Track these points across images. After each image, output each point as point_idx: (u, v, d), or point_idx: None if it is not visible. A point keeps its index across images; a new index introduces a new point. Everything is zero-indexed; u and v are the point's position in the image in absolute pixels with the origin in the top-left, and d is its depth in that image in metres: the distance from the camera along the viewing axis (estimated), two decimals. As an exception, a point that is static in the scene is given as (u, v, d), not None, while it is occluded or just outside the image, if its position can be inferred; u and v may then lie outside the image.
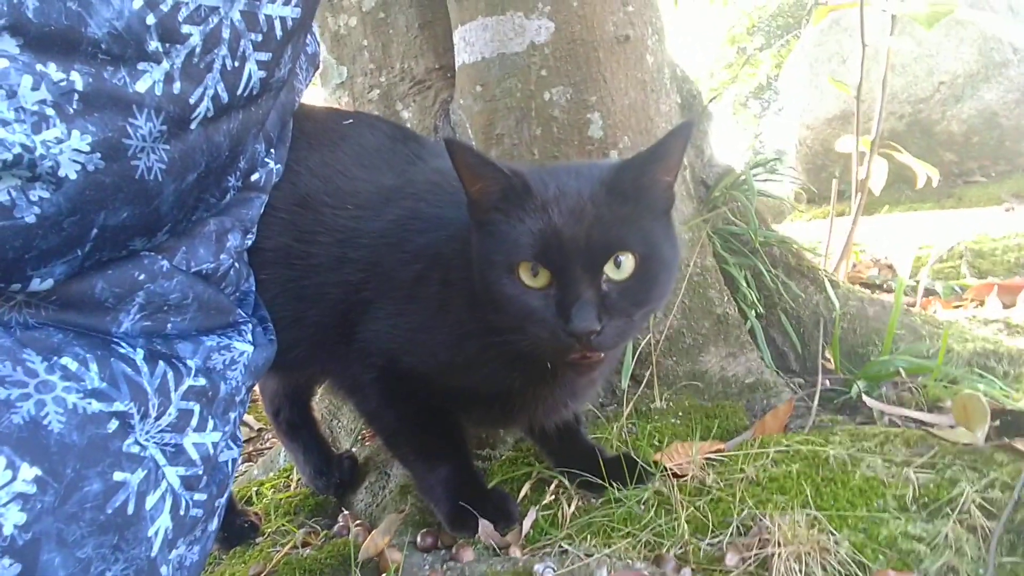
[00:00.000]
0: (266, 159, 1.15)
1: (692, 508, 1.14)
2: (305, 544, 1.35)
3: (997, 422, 1.24)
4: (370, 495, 1.51)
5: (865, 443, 1.25)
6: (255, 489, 1.65)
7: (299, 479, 1.64)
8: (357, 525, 1.36)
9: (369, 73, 1.84)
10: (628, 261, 0.98)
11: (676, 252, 1.06)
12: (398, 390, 1.21)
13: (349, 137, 1.31)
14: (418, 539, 1.24)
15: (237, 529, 1.41)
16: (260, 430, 2.33)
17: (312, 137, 1.28)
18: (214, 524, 0.97)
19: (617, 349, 1.17)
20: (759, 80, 12.21)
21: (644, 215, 1.01)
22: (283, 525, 1.44)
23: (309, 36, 1.25)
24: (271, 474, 1.74)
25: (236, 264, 1.10)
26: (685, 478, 1.22)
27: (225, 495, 1.00)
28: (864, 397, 1.45)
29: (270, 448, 2.10)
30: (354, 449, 1.67)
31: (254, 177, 1.13)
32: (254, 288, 1.18)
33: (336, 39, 1.86)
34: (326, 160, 1.27)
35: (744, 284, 1.72)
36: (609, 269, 0.98)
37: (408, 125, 1.80)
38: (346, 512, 1.46)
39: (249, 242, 1.15)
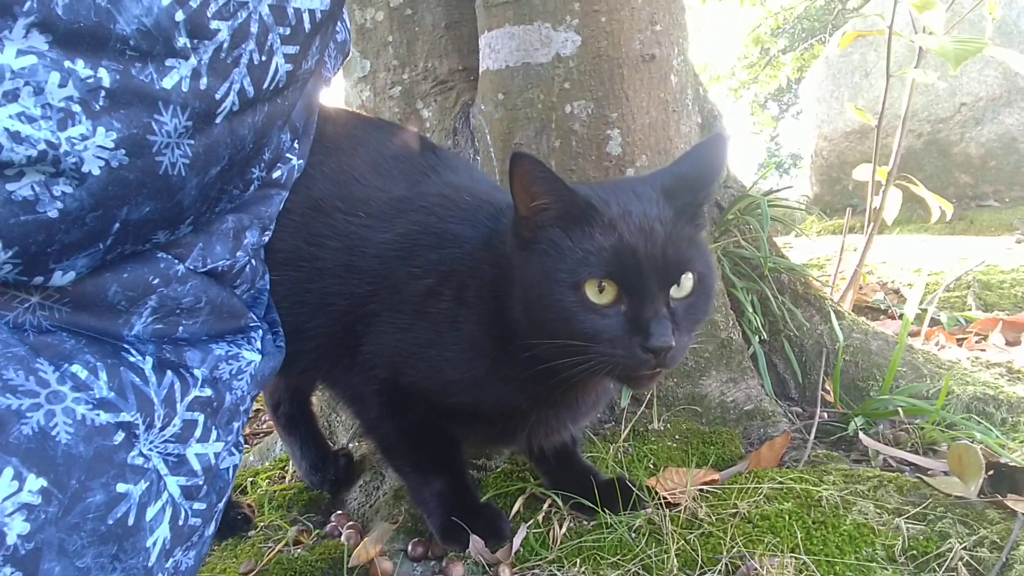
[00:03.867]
0: (288, 154, 1.15)
1: (683, 541, 1.15)
2: (296, 543, 1.37)
3: (991, 472, 1.24)
4: (364, 495, 1.52)
5: (859, 486, 1.26)
6: (250, 479, 1.66)
7: (294, 471, 1.66)
8: (349, 527, 1.37)
9: (392, 69, 1.83)
10: (688, 280, 1.03)
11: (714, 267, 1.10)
12: (398, 403, 1.22)
13: (367, 143, 1.31)
14: (409, 548, 1.26)
15: (230, 521, 1.42)
16: (258, 411, 2.34)
17: (331, 140, 1.28)
18: (211, 529, 0.99)
19: None
20: (780, 82, 12.14)
21: (697, 233, 1.06)
22: (276, 520, 1.45)
23: (339, 23, 1.24)
24: (267, 463, 1.76)
25: (252, 261, 1.10)
26: (678, 508, 1.23)
27: (224, 500, 1.01)
28: (861, 435, 1.46)
29: (268, 431, 2.11)
30: (351, 445, 1.68)
31: (276, 174, 1.13)
32: (268, 287, 1.19)
33: (362, 32, 1.85)
34: (343, 165, 1.27)
35: (750, 309, 1.72)
36: (673, 288, 1.01)
37: (427, 125, 1.80)
38: (339, 512, 1.48)
39: (266, 239, 1.15)
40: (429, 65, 1.81)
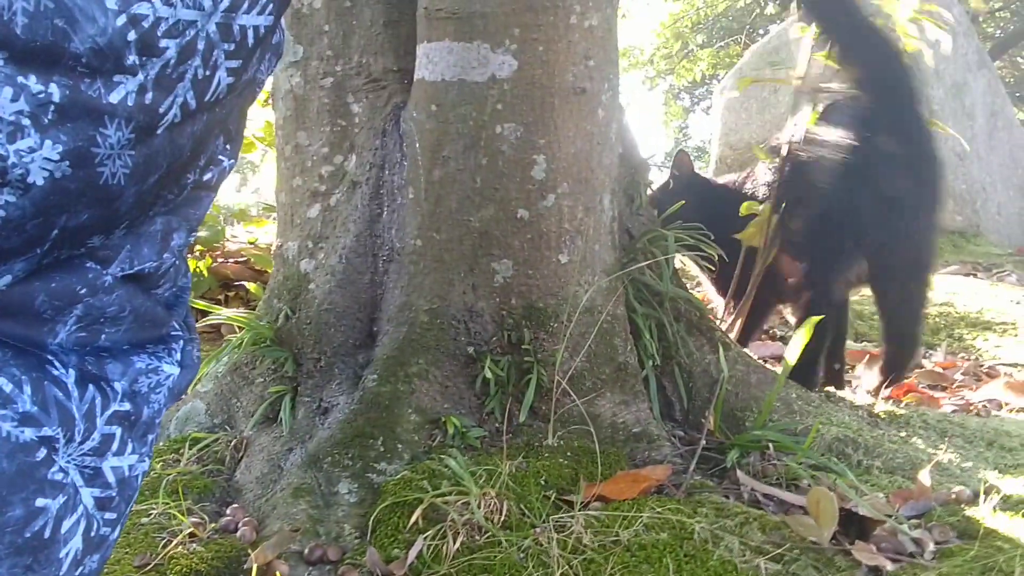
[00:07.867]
0: (220, 156, 1.16)
1: (567, 566, 1.24)
2: (192, 536, 1.38)
3: (843, 513, 1.38)
4: (261, 487, 1.55)
5: (727, 521, 1.38)
6: (145, 460, 1.65)
7: (190, 455, 1.66)
8: (245, 523, 1.40)
9: (325, 59, 1.83)
10: None
11: None
12: None
13: None
14: (306, 551, 1.30)
15: None
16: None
17: None
18: (116, 533, 1.00)
19: None
20: (695, 76, 12.46)
21: None
22: (170, 508, 1.46)
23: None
24: (161, 444, 1.75)
25: (177, 261, 1.11)
26: (565, 532, 1.32)
27: (131, 505, 1.03)
28: (738, 472, 1.58)
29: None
30: (249, 433, 1.70)
31: (207, 176, 1.13)
32: (189, 285, 1.20)
33: (297, 17, 1.84)
34: None
35: (647, 335, 1.82)
36: None
37: (357, 120, 1.81)
38: (235, 505, 1.50)
39: (192, 239, 1.16)
40: (363, 61, 1.81)
